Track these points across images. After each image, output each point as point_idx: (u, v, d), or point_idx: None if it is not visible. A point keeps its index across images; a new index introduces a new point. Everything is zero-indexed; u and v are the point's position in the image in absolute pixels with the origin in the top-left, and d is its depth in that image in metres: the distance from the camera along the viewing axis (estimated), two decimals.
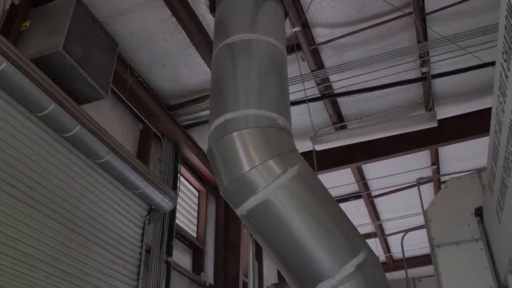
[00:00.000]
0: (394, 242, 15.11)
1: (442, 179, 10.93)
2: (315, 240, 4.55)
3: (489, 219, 4.26)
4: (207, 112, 8.60)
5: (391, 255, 15.93)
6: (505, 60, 2.65)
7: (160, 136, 8.43)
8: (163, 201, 7.25)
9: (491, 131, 3.45)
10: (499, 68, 2.78)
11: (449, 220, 4.65)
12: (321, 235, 4.57)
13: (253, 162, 4.52)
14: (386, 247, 15.23)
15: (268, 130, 4.71)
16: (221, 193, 4.91)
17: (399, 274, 14.15)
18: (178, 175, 8.57)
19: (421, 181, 5.56)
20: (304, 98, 8.11)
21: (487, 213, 4.29)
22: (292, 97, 7.27)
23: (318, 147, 8.06)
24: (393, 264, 16.07)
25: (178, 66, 7.98)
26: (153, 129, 8.22)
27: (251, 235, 11.72)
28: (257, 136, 4.63)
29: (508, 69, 2.60)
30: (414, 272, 11.00)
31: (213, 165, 4.91)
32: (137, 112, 7.96)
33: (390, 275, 14.56)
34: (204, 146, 9.27)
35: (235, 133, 4.63)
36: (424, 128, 7.83)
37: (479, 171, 4.84)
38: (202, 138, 9.24)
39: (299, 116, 9.01)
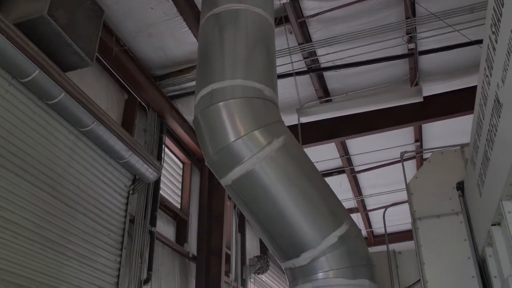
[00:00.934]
0: (375, 217, 15.30)
1: (426, 155, 11.03)
2: (299, 210, 4.60)
3: (470, 193, 4.33)
4: (193, 83, 8.56)
5: (372, 231, 16.15)
6: (493, 32, 2.67)
7: (145, 106, 8.39)
8: (147, 171, 7.25)
9: (476, 105, 3.49)
10: (487, 41, 2.80)
11: (431, 193, 4.72)
12: (304, 206, 4.62)
13: (239, 132, 4.52)
14: (368, 223, 15.43)
15: (255, 100, 4.70)
16: (206, 163, 4.91)
17: (379, 249, 14.36)
18: (163, 146, 8.56)
19: (405, 155, 5.60)
20: (291, 72, 8.09)
21: (469, 187, 4.36)
22: (278, 70, 7.25)
23: (304, 119, 8.09)
24: (373, 239, 16.30)
25: (165, 36, 7.90)
26: (138, 99, 8.17)
27: (234, 207, 11.81)
28: (243, 106, 4.62)
29: (496, 42, 2.62)
30: (394, 247, 11.16)
31: (198, 135, 4.90)
32: (122, 82, 7.89)
33: (371, 250, 14.75)
34: (189, 117, 9.24)
35: (221, 103, 4.61)
36: (409, 102, 7.87)
37: (462, 146, 4.90)
38: (188, 109, 9.21)
39: (285, 89, 9.00)
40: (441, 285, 4.39)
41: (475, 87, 3.73)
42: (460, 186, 4.62)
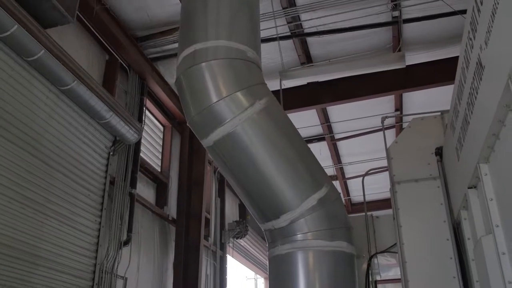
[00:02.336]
0: (354, 185, 15.49)
1: (406, 124, 11.13)
2: (279, 173, 4.64)
3: (448, 158, 4.41)
4: (175, 45, 8.47)
5: (350, 199, 16.38)
6: None
7: (126, 68, 8.28)
8: (128, 132, 7.20)
9: (458, 69, 3.52)
10: (472, 3, 2.81)
11: (410, 158, 4.79)
12: (285, 168, 4.66)
13: (221, 93, 4.52)
14: (346, 191, 15.62)
15: (238, 62, 4.69)
16: (188, 124, 4.91)
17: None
18: (144, 108, 8.50)
19: (386, 120, 5.66)
20: (275, 36, 8.04)
21: (447, 152, 4.44)
22: (262, 34, 7.20)
23: (286, 83, 8.08)
24: (351, 207, 16.54)
25: None
26: (119, 60, 8.05)
27: (214, 172, 11.86)
28: (226, 67, 4.60)
29: (481, 3, 2.63)
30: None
31: (180, 96, 4.88)
32: (104, 42, 7.77)
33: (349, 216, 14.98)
34: (171, 80, 9.16)
35: (204, 64, 4.59)
36: (392, 68, 7.89)
37: (442, 112, 4.96)
38: (169, 72, 9.12)
39: (267, 54, 8.95)
40: (416, 247, 4.49)
41: (456, 58, 3.77)
42: (439, 152, 4.69)
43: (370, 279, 5.52)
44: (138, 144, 8.00)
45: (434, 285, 4.32)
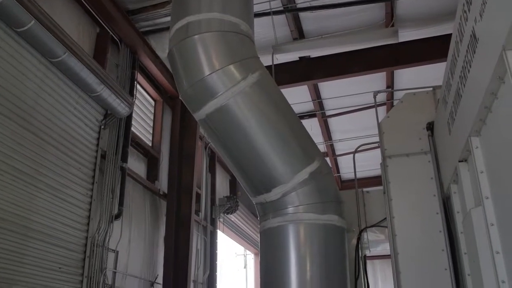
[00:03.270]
0: (344, 163, 15.57)
1: (397, 98, 11.15)
2: (271, 146, 4.66)
3: (439, 133, 4.44)
4: (167, 19, 8.38)
5: (340, 175, 16.46)
6: None
7: (118, 41, 8.19)
8: (119, 106, 7.17)
9: (451, 42, 3.53)
10: None
11: (401, 133, 4.81)
12: (277, 142, 4.68)
13: (214, 66, 4.50)
14: (336, 168, 15.70)
15: (231, 35, 4.66)
16: (180, 97, 4.90)
17: None
18: (135, 82, 8.44)
19: (378, 95, 5.67)
20: (268, 10, 7.98)
21: (438, 126, 4.46)
22: (254, 9, 7.14)
23: (279, 57, 8.04)
24: (341, 184, 16.64)
25: None
26: (111, 33, 7.96)
27: (205, 148, 11.86)
28: (219, 40, 4.58)
29: None
30: None
31: (173, 68, 4.86)
32: (94, 15, 7.66)
33: None
34: (162, 54, 9.09)
35: (196, 36, 4.56)
36: (384, 43, 7.87)
37: (434, 88, 4.98)
38: (161, 46, 9.04)
39: (260, 29, 8.88)
40: (406, 220, 4.55)
41: (449, 36, 3.77)
42: (430, 127, 4.73)
43: (360, 254, 5.58)
44: (129, 118, 7.96)
45: (423, 258, 4.39)
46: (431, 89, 5.00)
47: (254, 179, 4.87)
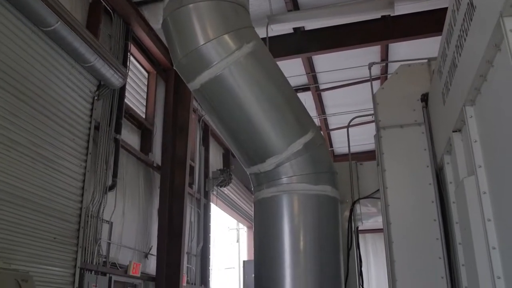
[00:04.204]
0: (337, 137, 15.62)
1: (390, 73, 11.12)
2: (266, 117, 4.66)
3: (433, 104, 4.45)
4: None
5: (333, 150, 16.51)
6: None
7: (111, 11, 8.10)
8: (113, 77, 7.12)
9: (448, 12, 3.51)
10: None
11: (396, 104, 4.82)
12: (271, 112, 4.68)
13: (208, 36, 4.47)
14: (329, 142, 15.74)
15: (225, 4, 4.62)
16: (174, 67, 4.87)
17: None
18: (128, 53, 8.38)
19: (373, 66, 5.66)
20: None
21: (433, 97, 4.47)
22: None
23: (274, 27, 7.98)
24: (334, 158, 16.69)
25: None
26: (103, 3, 7.86)
27: (199, 121, 11.85)
28: (214, 9, 4.54)
29: None
30: None
31: (167, 38, 4.81)
32: None
33: None
34: (156, 26, 9.00)
35: (191, 5, 4.52)
36: (381, 14, 7.79)
37: (429, 60, 4.97)
38: (154, 17, 8.95)
39: (255, 0, 8.80)
40: (399, 191, 4.58)
41: (444, 10, 3.75)
42: (424, 98, 4.73)
43: (353, 225, 5.63)
44: (122, 89, 7.93)
45: (415, 228, 4.43)
46: (426, 60, 4.99)
47: (248, 150, 4.88)
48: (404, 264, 4.38)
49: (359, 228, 5.85)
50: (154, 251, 9.19)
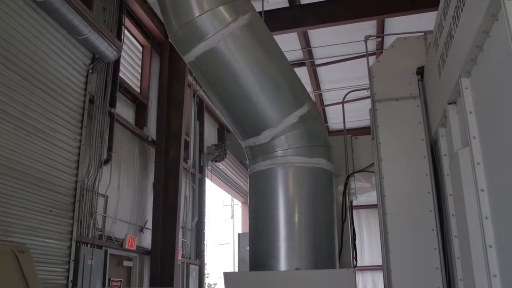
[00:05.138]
0: (332, 113, 15.61)
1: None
2: (261, 89, 4.65)
3: (429, 77, 4.45)
4: None
5: (327, 126, 16.53)
6: None
7: None
8: (107, 50, 7.06)
9: None
10: None
11: (391, 77, 4.81)
12: (267, 85, 4.67)
13: (203, 7, 4.43)
14: (324, 118, 15.74)
15: None
16: (169, 39, 4.84)
17: None
18: (122, 27, 8.30)
19: (369, 39, 5.64)
20: None
21: (428, 70, 4.47)
22: None
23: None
24: (329, 135, 16.67)
25: None
26: None
27: (194, 96, 11.81)
28: None
29: None
30: None
31: (162, 10, 4.77)
32: None
33: None
34: None
35: None
36: None
37: (425, 33, 4.96)
38: None
39: None
40: (394, 164, 4.60)
41: None
42: (420, 71, 4.73)
43: (347, 199, 5.66)
44: (117, 63, 7.88)
45: (410, 201, 4.47)
46: (422, 34, 4.98)
47: (244, 122, 4.88)
48: (398, 235, 4.42)
49: (353, 204, 5.88)
50: (149, 225, 9.24)
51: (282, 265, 4.56)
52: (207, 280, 16.75)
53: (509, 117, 2.49)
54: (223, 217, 27.11)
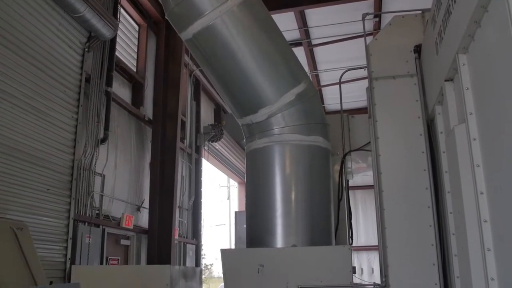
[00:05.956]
0: (328, 94, 15.56)
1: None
2: (259, 67, 4.65)
3: (426, 54, 4.44)
4: None
5: (324, 107, 16.50)
6: None
7: None
8: (103, 28, 7.01)
9: None
10: None
11: (389, 55, 4.80)
12: (264, 62, 4.67)
13: None
14: (320, 99, 15.70)
15: None
16: (166, 17, 4.82)
17: None
18: (118, 5, 8.24)
19: (366, 17, 5.62)
20: None
21: (426, 48, 4.46)
22: None
23: None
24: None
25: None
26: None
27: (190, 76, 11.77)
28: None
29: None
30: None
31: None
32: None
33: None
34: None
35: None
36: None
37: (423, 11, 4.94)
38: None
39: None
40: (391, 141, 4.62)
41: None
42: (418, 49, 4.72)
43: (343, 177, 5.68)
44: (113, 41, 7.84)
45: (406, 177, 4.49)
46: (420, 12, 4.96)
47: (241, 100, 4.89)
48: (393, 212, 4.46)
49: (349, 184, 5.90)
50: (146, 204, 9.27)
51: (279, 242, 4.61)
52: (203, 261, 16.87)
53: (506, 92, 2.51)
54: (219, 198, 27.23)
